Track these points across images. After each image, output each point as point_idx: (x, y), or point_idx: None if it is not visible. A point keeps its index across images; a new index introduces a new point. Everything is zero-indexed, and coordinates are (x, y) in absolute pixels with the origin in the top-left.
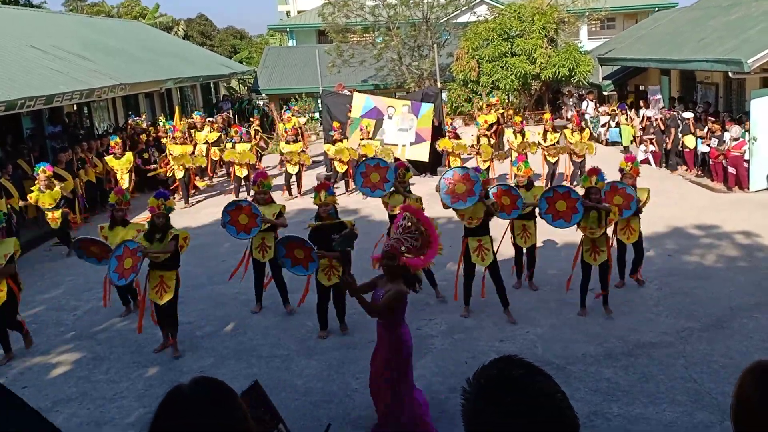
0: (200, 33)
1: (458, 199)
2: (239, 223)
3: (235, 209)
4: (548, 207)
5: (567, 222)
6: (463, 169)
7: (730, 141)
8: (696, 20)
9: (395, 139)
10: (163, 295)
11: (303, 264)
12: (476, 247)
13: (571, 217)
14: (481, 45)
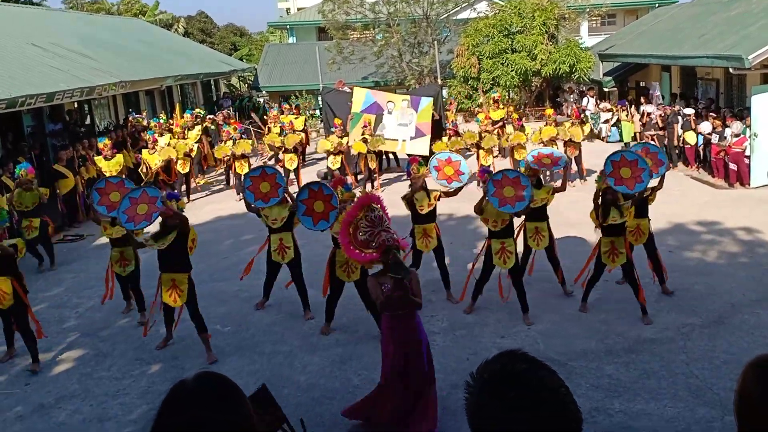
0: (200, 30)
1: (506, 203)
2: (259, 190)
3: (259, 175)
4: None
5: (629, 189)
6: (514, 172)
7: (731, 137)
8: (696, 16)
9: (395, 134)
10: (177, 299)
11: (324, 217)
12: (499, 250)
13: (641, 177)
14: (481, 41)
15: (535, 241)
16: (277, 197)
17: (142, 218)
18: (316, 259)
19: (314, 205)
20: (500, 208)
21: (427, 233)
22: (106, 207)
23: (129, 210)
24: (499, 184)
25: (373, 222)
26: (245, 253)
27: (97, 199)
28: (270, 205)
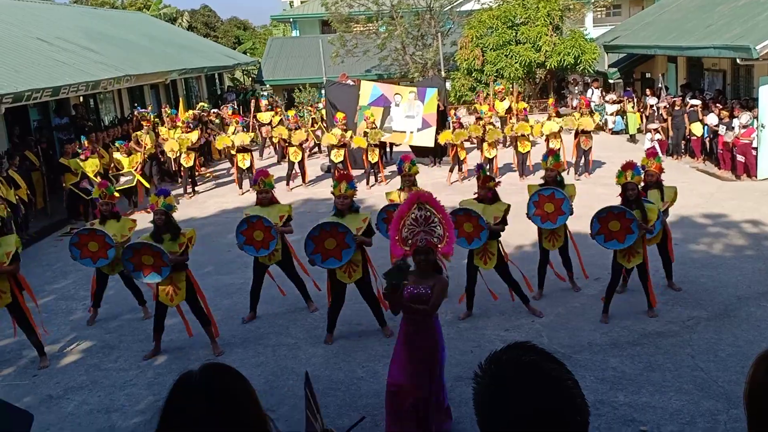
0: (204, 24)
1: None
2: (255, 240)
3: (248, 228)
4: (600, 227)
5: (620, 243)
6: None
7: (739, 128)
8: (703, 6)
9: (403, 126)
10: (174, 298)
11: (335, 255)
12: (480, 250)
13: (625, 237)
14: (485, 33)
15: (551, 241)
16: (274, 239)
17: (149, 270)
18: None
19: (325, 243)
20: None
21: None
22: (90, 259)
23: (134, 258)
24: (538, 204)
25: (416, 221)
26: None
27: (77, 253)
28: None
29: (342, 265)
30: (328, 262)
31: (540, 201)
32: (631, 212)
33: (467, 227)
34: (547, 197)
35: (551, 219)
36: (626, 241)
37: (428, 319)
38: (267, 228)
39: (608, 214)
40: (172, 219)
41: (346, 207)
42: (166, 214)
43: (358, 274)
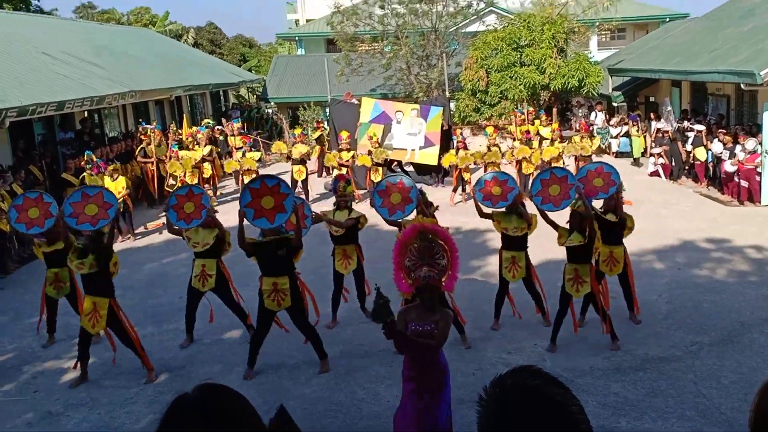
0: (209, 41)
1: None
2: (183, 210)
3: (185, 194)
4: (541, 189)
5: (555, 206)
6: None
7: (744, 154)
8: (708, 31)
9: (404, 144)
10: (96, 324)
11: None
12: (509, 262)
13: (561, 203)
14: (489, 55)
15: (511, 272)
16: (199, 218)
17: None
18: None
19: (262, 201)
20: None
21: (347, 254)
22: (24, 224)
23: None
24: (546, 183)
25: (420, 253)
26: (249, 263)
27: (14, 216)
28: (192, 226)
29: (273, 227)
30: (259, 221)
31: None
32: (573, 177)
33: (395, 198)
34: (560, 178)
35: (554, 202)
36: (562, 205)
37: (434, 356)
38: (202, 205)
39: (551, 176)
40: (100, 244)
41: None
42: (96, 239)
43: (287, 302)
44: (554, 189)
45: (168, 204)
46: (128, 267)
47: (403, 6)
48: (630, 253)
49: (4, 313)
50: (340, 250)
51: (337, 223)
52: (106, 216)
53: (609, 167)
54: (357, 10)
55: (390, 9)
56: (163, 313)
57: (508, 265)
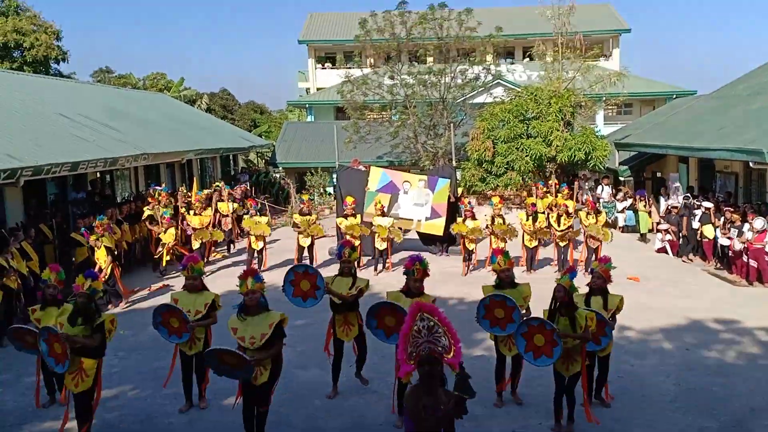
0: (222, 107)
1: (497, 324)
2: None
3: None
4: (527, 343)
5: (549, 357)
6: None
7: (753, 233)
8: (715, 109)
9: (410, 214)
10: (80, 383)
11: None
12: (504, 337)
13: (552, 351)
14: (496, 126)
15: (507, 345)
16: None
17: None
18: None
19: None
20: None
21: (348, 321)
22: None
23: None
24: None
25: (419, 332)
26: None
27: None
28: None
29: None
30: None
31: (491, 305)
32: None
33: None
34: (498, 302)
35: (500, 325)
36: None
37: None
38: (183, 321)
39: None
40: (92, 303)
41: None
42: (89, 297)
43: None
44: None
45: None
46: (133, 329)
47: (412, 77)
48: (638, 330)
49: (6, 370)
50: (341, 318)
51: (343, 297)
52: None
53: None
54: (367, 79)
55: (399, 79)
56: (164, 376)
57: (504, 338)
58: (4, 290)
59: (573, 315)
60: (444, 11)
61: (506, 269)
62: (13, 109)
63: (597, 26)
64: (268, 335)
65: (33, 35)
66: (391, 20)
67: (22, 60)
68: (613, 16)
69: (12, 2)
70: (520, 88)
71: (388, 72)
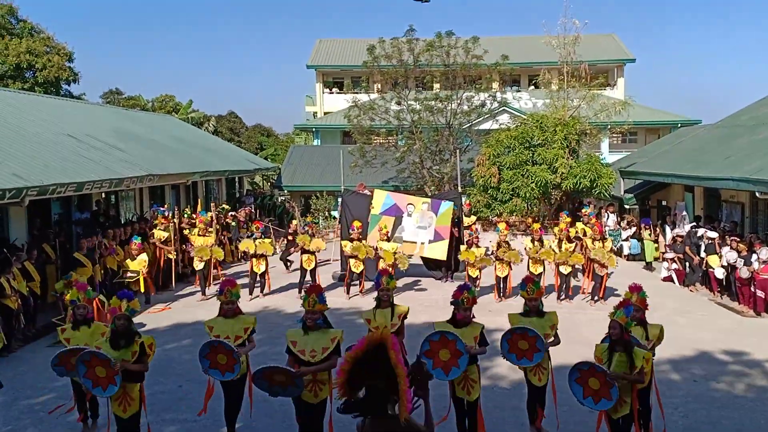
0: (229, 129)
1: (523, 356)
2: (219, 363)
3: (210, 352)
4: (584, 389)
5: (609, 400)
6: (522, 329)
7: (759, 263)
8: (721, 138)
9: (414, 237)
10: (128, 408)
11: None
12: (461, 379)
13: (610, 393)
14: (502, 152)
15: (537, 375)
16: (233, 373)
17: (107, 381)
18: None
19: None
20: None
21: None
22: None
23: (89, 374)
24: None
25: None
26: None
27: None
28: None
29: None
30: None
31: (513, 339)
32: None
33: (443, 355)
34: (520, 335)
35: (527, 356)
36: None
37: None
38: (229, 352)
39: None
40: (131, 325)
41: (312, 324)
42: (128, 319)
43: (326, 393)
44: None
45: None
46: None
47: (418, 103)
48: None
49: (3, 392)
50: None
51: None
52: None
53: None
54: (374, 105)
55: (406, 105)
56: (163, 401)
57: (533, 368)
58: (4, 310)
59: (630, 352)
60: (451, 39)
61: (534, 298)
62: (22, 129)
63: (602, 56)
64: (330, 349)
65: (45, 56)
66: (399, 47)
67: (33, 81)
68: (618, 46)
69: (26, 24)
70: (526, 115)
71: (395, 97)
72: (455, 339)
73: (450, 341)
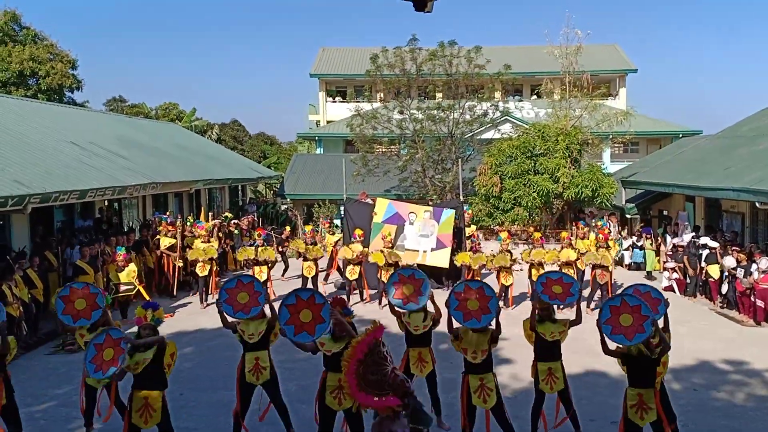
0: (232, 137)
1: (472, 317)
2: (237, 301)
3: (236, 286)
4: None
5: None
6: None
7: (759, 273)
8: (722, 149)
9: (416, 245)
10: (149, 419)
11: (309, 330)
12: (478, 387)
13: (634, 335)
14: (504, 162)
15: (548, 384)
16: (258, 306)
17: (109, 365)
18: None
19: (301, 315)
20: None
21: (421, 357)
22: (71, 316)
23: (96, 358)
24: (617, 310)
25: (384, 359)
26: None
27: (61, 307)
28: (251, 315)
29: (315, 339)
30: (301, 335)
31: (548, 282)
32: (648, 308)
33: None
34: (556, 280)
35: (560, 298)
36: (635, 339)
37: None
38: (256, 293)
39: (622, 304)
40: (157, 333)
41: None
42: (154, 329)
43: (348, 403)
44: (625, 319)
45: (220, 300)
46: None
47: (421, 112)
48: None
49: None
50: (415, 354)
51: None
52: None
53: (657, 293)
54: (376, 113)
55: (408, 114)
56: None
57: (545, 376)
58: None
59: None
60: (454, 48)
61: (547, 306)
62: (25, 136)
63: (604, 66)
64: None
65: (49, 64)
66: (402, 56)
67: (36, 88)
68: (620, 56)
69: (29, 31)
70: (528, 125)
71: (398, 107)
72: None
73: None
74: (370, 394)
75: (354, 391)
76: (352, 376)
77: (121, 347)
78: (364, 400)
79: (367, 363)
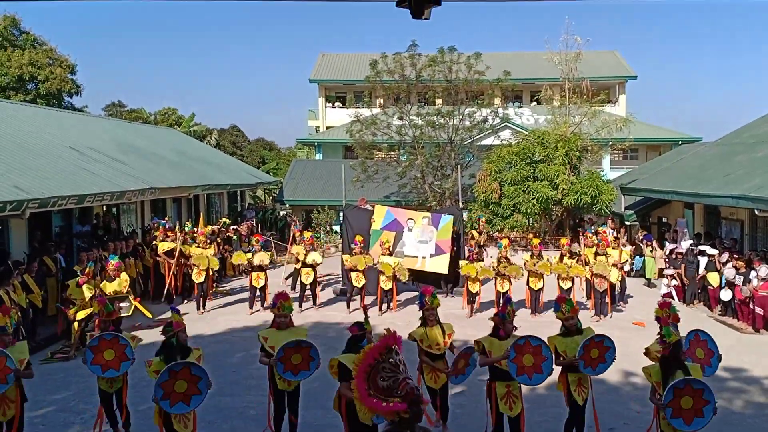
0: (231, 143)
1: (524, 372)
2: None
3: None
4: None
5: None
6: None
7: (758, 280)
8: (721, 156)
9: (415, 251)
10: (187, 423)
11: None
12: (504, 394)
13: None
14: (503, 168)
15: (579, 394)
16: (308, 371)
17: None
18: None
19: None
20: (517, 378)
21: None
22: (100, 366)
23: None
24: (521, 350)
25: (396, 366)
26: (254, 368)
27: (90, 357)
28: (299, 378)
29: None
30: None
31: (589, 346)
32: (710, 392)
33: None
34: (597, 343)
35: (592, 366)
36: (692, 425)
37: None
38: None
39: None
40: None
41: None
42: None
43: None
44: (686, 401)
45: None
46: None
47: (420, 118)
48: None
49: None
50: (429, 366)
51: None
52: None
53: (705, 335)
54: (376, 119)
55: (408, 120)
56: None
57: (576, 387)
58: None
59: (686, 369)
60: (453, 54)
61: (571, 317)
62: (24, 141)
63: (604, 72)
64: None
65: (48, 68)
66: (402, 62)
67: (35, 93)
68: (620, 62)
69: (29, 36)
70: (528, 131)
71: (397, 113)
72: (540, 344)
73: (534, 347)
74: (379, 400)
75: (362, 395)
76: (362, 380)
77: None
78: (372, 405)
79: (378, 368)
